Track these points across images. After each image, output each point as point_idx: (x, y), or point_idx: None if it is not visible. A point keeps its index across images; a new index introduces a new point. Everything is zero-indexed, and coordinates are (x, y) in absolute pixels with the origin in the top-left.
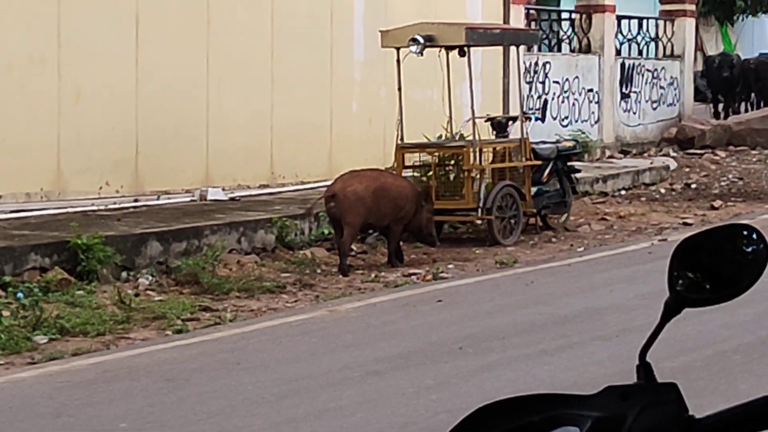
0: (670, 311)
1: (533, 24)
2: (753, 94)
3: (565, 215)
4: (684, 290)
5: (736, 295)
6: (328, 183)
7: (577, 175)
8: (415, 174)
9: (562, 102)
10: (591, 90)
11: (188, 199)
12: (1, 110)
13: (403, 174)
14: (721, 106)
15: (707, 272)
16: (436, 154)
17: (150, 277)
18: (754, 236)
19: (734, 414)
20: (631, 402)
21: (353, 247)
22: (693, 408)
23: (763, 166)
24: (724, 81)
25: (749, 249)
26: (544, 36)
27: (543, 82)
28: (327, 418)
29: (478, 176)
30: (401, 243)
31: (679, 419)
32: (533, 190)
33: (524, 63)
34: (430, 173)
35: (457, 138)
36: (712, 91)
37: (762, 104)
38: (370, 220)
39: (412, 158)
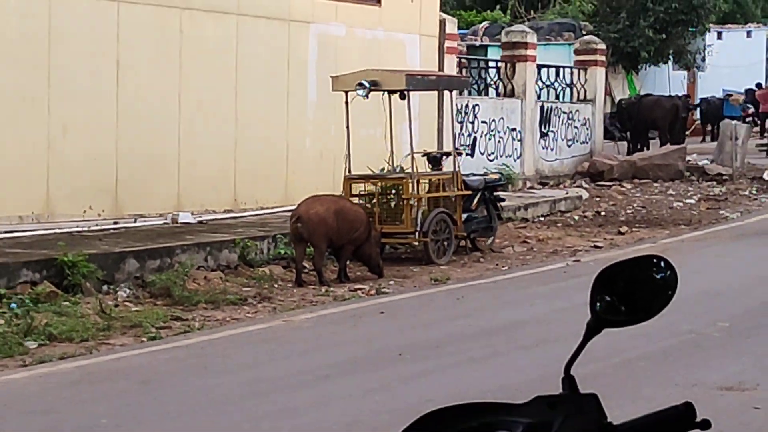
0: (592, 331)
1: (464, 71)
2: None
3: (492, 238)
4: (603, 312)
5: (649, 317)
6: (285, 209)
7: (502, 203)
8: (360, 201)
9: (489, 140)
10: (514, 129)
11: (161, 221)
12: None
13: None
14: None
15: (624, 297)
16: (379, 184)
17: (128, 290)
18: (663, 265)
19: (646, 422)
20: (557, 411)
21: (305, 264)
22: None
23: (663, 196)
24: (638, 122)
25: (659, 276)
26: (474, 82)
27: (472, 122)
28: (283, 418)
29: (415, 204)
30: (348, 262)
31: (599, 426)
32: (464, 216)
33: (456, 105)
34: (374, 201)
35: (397, 170)
36: (624, 130)
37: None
38: (331, 238)
39: (358, 188)
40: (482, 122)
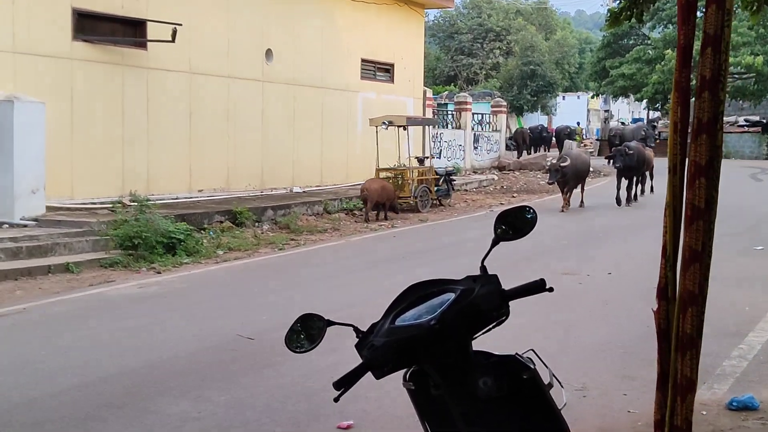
0: (494, 243)
1: (435, 116)
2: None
3: (449, 199)
4: (500, 234)
5: (523, 236)
6: (346, 185)
7: (454, 182)
8: (389, 179)
9: (448, 150)
10: (461, 145)
11: (284, 191)
12: (214, 160)
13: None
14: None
15: (510, 225)
16: (393, 172)
17: (267, 225)
18: (531, 209)
19: (522, 287)
20: (478, 282)
21: (358, 213)
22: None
23: (534, 179)
24: (526, 140)
25: (528, 216)
26: (441, 121)
27: (439, 142)
28: (347, 286)
29: (411, 182)
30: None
31: (498, 290)
32: (435, 188)
33: (431, 133)
34: (392, 180)
35: (402, 165)
36: (517, 145)
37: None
38: (378, 200)
39: (382, 174)
40: (444, 141)
